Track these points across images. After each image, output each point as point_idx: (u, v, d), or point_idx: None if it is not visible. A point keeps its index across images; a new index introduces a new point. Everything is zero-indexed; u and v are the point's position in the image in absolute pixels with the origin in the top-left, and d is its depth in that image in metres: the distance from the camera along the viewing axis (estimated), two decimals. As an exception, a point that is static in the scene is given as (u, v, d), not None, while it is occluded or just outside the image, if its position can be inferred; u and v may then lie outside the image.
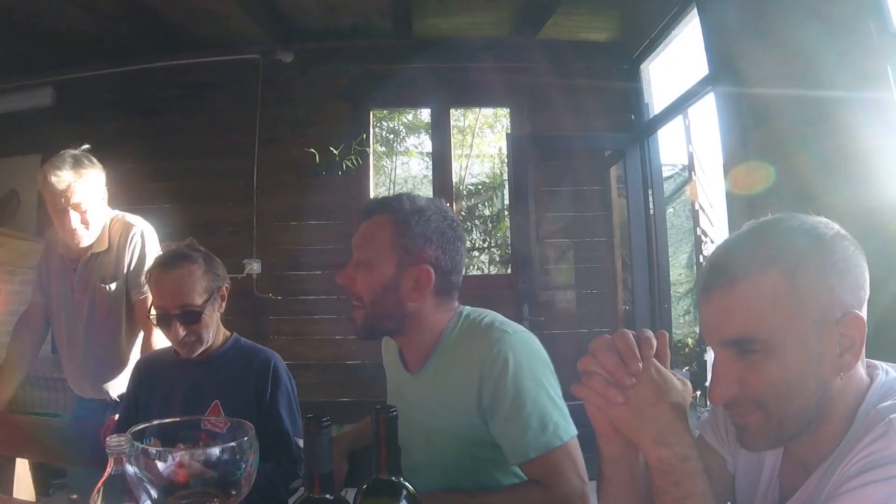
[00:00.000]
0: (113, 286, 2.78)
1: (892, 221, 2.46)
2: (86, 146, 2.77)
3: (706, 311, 1.10)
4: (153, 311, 2.18)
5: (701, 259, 6.52)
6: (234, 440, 1.30)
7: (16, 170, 5.50)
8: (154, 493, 1.16)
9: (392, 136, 9.66)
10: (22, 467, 2.45)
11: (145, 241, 2.82)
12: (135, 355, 2.80)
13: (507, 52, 5.50)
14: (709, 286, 1.08)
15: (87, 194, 2.65)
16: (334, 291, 5.34)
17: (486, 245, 8.94)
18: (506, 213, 7.55)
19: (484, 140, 9.65)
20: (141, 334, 2.82)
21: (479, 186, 9.46)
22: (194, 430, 1.57)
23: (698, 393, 5.88)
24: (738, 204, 3.69)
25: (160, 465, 1.25)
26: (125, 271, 2.78)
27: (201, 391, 2.15)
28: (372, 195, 5.70)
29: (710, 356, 5.02)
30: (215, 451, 1.28)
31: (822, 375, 1.03)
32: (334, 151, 5.33)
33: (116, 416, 2.42)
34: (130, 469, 1.13)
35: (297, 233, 5.48)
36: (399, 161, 9.88)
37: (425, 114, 8.16)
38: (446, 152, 5.80)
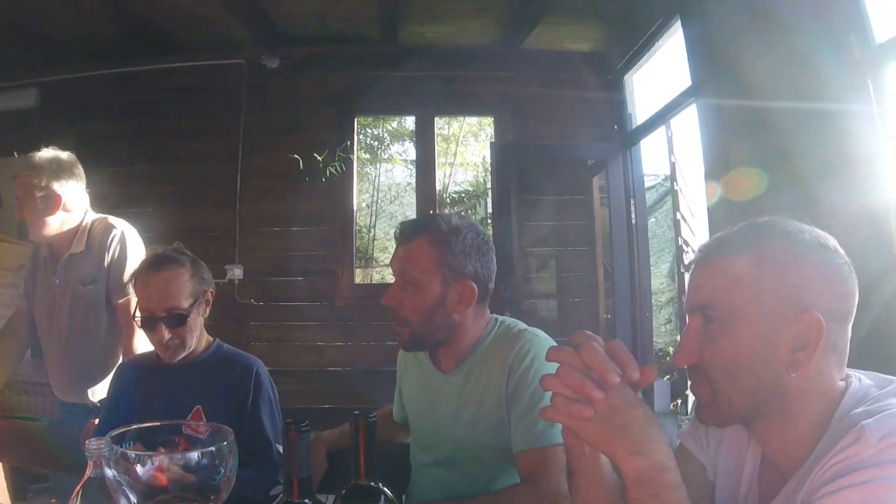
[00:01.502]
0: (92, 288, 2.76)
1: (871, 233, 2.49)
2: (63, 153, 2.77)
3: (688, 283, 1.23)
4: (138, 314, 2.17)
5: (682, 269, 6.55)
6: (214, 445, 1.30)
7: (-4, 171, 5.44)
8: (133, 498, 1.16)
9: (376, 143, 9.68)
10: (-1, 471, 2.42)
11: (126, 241, 2.78)
12: (117, 359, 2.76)
13: (492, 61, 5.53)
14: (693, 263, 1.23)
15: (28, 191, 2.66)
16: (316, 298, 5.35)
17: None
18: (489, 221, 7.56)
19: (468, 148, 9.72)
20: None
21: (463, 195, 9.51)
22: (175, 434, 1.56)
23: (678, 401, 5.90)
24: (719, 214, 3.72)
25: (139, 468, 1.24)
26: (105, 273, 2.76)
27: (183, 396, 2.15)
28: (355, 202, 5.70)
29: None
30: (194, 455, 1.27)
31: (772, 365, 1.09)
32: (318, 158, 5.31)
33: (97, 420, 2.40)
34: (109, 473, 1.13)
35: (279, 239, 5.45)
36: (383, 168, 9.92)
37: (410, 121, 8.20)
38: (430, 160, 5.81)
